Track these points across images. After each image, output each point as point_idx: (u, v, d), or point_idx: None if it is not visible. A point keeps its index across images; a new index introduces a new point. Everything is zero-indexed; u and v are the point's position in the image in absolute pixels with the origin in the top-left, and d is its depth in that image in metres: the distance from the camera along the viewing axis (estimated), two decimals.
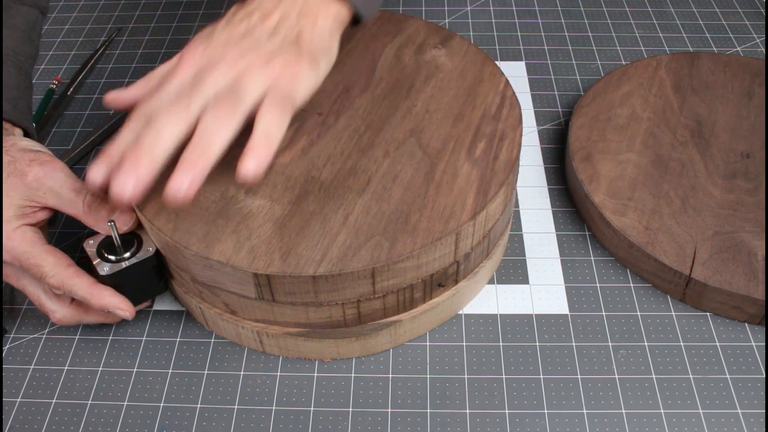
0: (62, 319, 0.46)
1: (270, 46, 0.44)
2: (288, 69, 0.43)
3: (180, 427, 0.45)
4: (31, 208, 0.45)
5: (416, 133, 0.49)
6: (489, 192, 0.45)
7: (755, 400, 0.46)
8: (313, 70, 0.44)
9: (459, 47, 0.56)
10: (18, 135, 0.50)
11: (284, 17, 0.45)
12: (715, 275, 0.49)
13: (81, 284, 0.44)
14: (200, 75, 0.42)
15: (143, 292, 0.47)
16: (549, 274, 0.53)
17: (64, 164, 0.46)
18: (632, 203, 0.53)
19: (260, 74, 0.42)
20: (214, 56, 0.43)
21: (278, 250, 0.42)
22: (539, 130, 0.65)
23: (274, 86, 0.42)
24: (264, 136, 0.40)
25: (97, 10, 0.81)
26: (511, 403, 0.46)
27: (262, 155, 0.40)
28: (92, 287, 0.44)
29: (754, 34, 0.74)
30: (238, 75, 0.42)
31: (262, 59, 0.43)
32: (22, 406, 0.47)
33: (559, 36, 0.75)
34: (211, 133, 0.39)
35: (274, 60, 0.43)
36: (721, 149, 0.57)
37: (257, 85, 0.42)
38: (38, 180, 0.44)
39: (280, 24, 0.45)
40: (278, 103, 0.41)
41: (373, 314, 0.46)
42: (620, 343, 0.49)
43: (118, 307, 0.45)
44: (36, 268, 0.44)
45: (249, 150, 0.40)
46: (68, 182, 0.45)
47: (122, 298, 0.45)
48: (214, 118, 0.40)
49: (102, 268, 0.44)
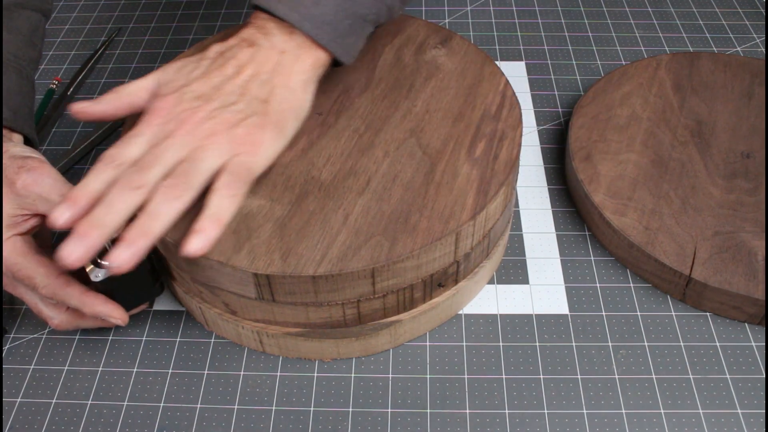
0: (60, 325, 0.46)
1: (237, 108, 0.44)
2: (250, 138, 0.43)
3: (180, 427, 0.45)
4: (22, 217, 0.44)
5: (416, 133, 0.49)
6: (489, 192, 0.45)
7: (755, 400, 0.46)
8: (277, 137, 0.45)
9: (459, 47, 0.56)
10: (17, 141, 0.50)
11: (257, 74, 0.46)
12: (715, 275, 0.49)
13: (72, 293, 0.44)
14: (163, 141, 0.43)
15: (139, 296, 0.47)
16: (549, 274, 0.53)
17: (53, 169, 0.46)
18: (632, 203, 0.53)
19: (220, 146, 0.43)
20: (182, 116, 0.43)
21: (278, 250, 0.42)
22: (539, 130, 0.65)
23: (233, 159, 0.43)
24: (213, 215, 0.41)
25: (97, 10, 0.81)
26: (511, 403, 0.46)
27: (209, 235, 0.41)
28: (84, 296, 0.44)
29: (754, 34, 0.74)
30: (198, 145, 0.42)
31: (226, 125, 0.43)
32: (22, 406, 0.47)
33: (559, 36, 0.75)
34: (156, 214, 0.40)
35: (238, 127, 0.43)
36: (721, 149, 0.57)
37: (215, 158, 0.42)
38: (26, 187, 0.44)
39: (252, 81, 0.45)
40: (234, 178, 0.42)
41: (373, 314, 0.46)
42: (620, 343, 0.49)
43: (109, 315, 0.44)
44: (28, 279, 0.44)
45: (196, 229, 0.41)
46: (56, 187, 0.44)
47: (114, 306, 0.45)
48: (163, 198, 0.41)
49: (95, 274, 0.44)
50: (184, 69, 0.47)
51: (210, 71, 0.46)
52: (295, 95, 0.46)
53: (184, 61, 0.47)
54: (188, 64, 0.47)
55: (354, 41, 0.48)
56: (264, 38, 0.47)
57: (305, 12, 0.46)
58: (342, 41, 0.47)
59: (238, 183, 0.42)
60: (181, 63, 0.47)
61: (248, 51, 0.46)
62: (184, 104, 0.44)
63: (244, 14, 0.79)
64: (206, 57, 0.47)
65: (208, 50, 0.47)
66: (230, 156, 0.43)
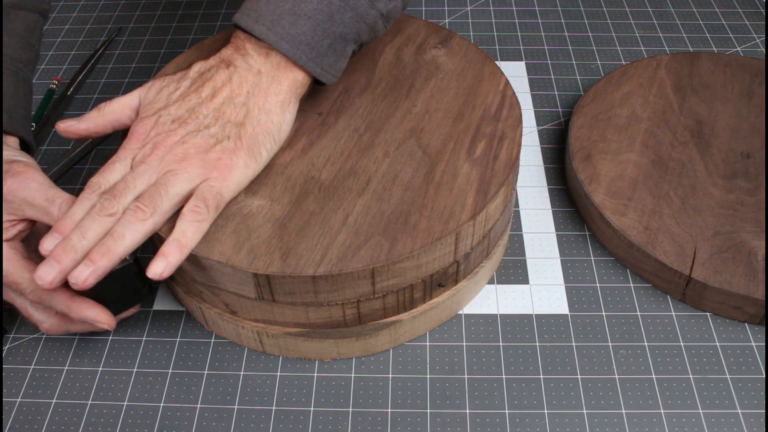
0: (50, 329, 0.46)
1: (211, 132, 0.44)
2: (221, 163, 0.44)
3: (180, 427, 0.45)
4: (10, 222, 0.44)
5: (416, 133, 0.49)
6: (489, 192, 0.45)
7: (755, 400, 0.46)
8: (250, 162, 0.45)
9: (459, 47, 0.56)
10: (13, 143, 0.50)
11: (232, 96, 0.46)
12: (715, 275, 0.49)
13: (59, 299, 0.44)
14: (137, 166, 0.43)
15: (127, 301, 0.47)
16: (549, 274, 0.53)
17: (39, 172, 0.46)
18: (632, 203, 0.53)
19: (190, 170, 0.43)
20: (157, 140, 0.44)
21: (278, 250, 0.42)
22: (539, 130, 0.65)
23: (203, 183, 0.43)
24: (178, 240, 0.42)
25: (97, 10, 0.81)
26: (511, 403, 0.46)
27: (172, 260, 0.41)
28: (70, 301, 0.44)
29: (754, 34, 0.74)
30: (169, 169, 0.43)
31: (198, 149, 0.44)
32: (22, 406, 0.47)
33: (559, 36, 0.75)
34: (120, 236, 0.41)
35: (211, 152, 0.44)
36: (721, 149, 0.57)
37: (184, 183, 0.43)
38: (12, 192, 0.44)
39: (227, 104, 0.45)
40: (202, 203, 0.42)
41: (373, 314, 0.46)
42: (620, 343, 0.49)
43: (96, 319, 0.44)
44: (15, 285, 0.43)
45: (160, 253, 0.41)
46: (41, 191, 0.44)
47: (101, 310, 0.44)
48: (128, 221, 0.41)
49: None
50: (165, 89, 0.47)
51: (187, 93, 0.46)
52: (270, 117, 0.46)
53: (166, 80, 0.47)
54: (169, 84, 0.47)
55: (334, 61, 0.47)
56: (241, 59, 0.46)
57: (282, 32, 0.45)
58: (321, 61, 0.46)
59: (205, 208, 0.42)
60: (163, 83, 0.47)
61: (225, 72, 0.46)
62: (159, 127, 0.45)
63: None
64: (186, 77, 0.47)
65: (189, 69, 0.47)
66: (201, 180, 0.43)
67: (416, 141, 0.49)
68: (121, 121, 0.48)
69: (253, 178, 0.46)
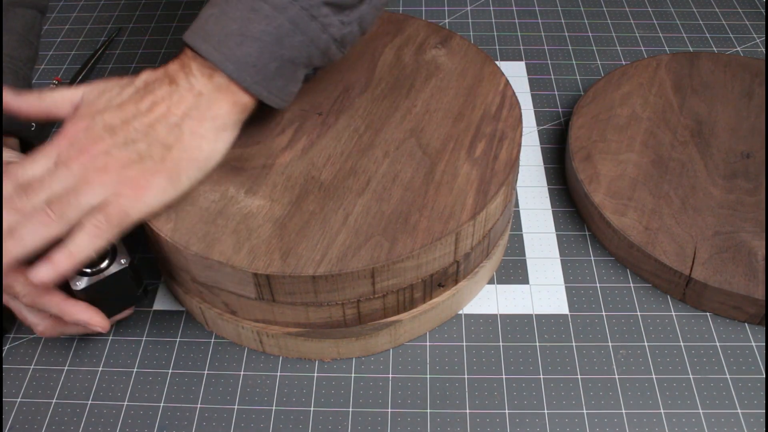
0: (44, 332, 0.46)
1: (137, 148, 0.43)
2: (137, 182, 0.42)
3: (180, 427, 0.45)
4: None
5: (416, 133, 0.49)
6: (489, 192, 0.45)
7: (755, 400, 0.46)
8: (168, 187, 0.43)
9: (459, 47, 0.56)
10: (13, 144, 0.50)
11: (167, 114, 0.44)
12: (715, 275, 0.49)
13: (52, 302, 0.43)
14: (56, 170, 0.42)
15: (122, 303, 0.47)
16: (549, 274, 0.53)
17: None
18: (632, 203, 0.53)
19: (105, 184, 0.42)
20: (83, 145, 0.43)
21: (278, 250, 0.42)
22: (539, 130, 0.65)
23: (112, 200, 0.42)
24: (68, 251, 0.41)
25: (97, 10, 0.81)
26: (511, 403, 0.46)
27: (57, 267, 0.40)
28: (63, 304, 0.43)
29: (754, 34, 0.74)
30: (85, 178, 0.42)
31: (119, 164, 0.42)
32: (22, 406, 0.47)
33: (559, 36, 0.75)
34: (20, 238, 0.40)
35: (130, 169, 0.42)
36: (721, 149, 0.57)
37: (96, 195, 0.42)
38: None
39: (161, 122, 0.44)
40: (104, 219, 0.41)
41: (373, 314, 0.46)
42: (620, 343, 0.49)
43: (89, 322, 0.44)
44: (8, 288, 0.43)
45: (47, 259, 0.40)
46: None
47: (95, 313, 0.44)
48: (31, 224, 0.41)
49: (75, 283, 0.43)
50: (108, 93, 0.45)
51: (127, 102, 0.45)
52: (201, 144, 0.44)
53: (113, 83, 0.46)
54: (113, 87, 0.46)
55: (283, 85, 0.45)
56: (184, 78, 0.45)
57: (228, 52, 0.44)
58: (267, 84, 0.45)
59: (106, 225, 0.41)
60: (107, 85, 0.46)
61: (167, 89, 0.45)
62: (90, 132, 0.43)
63: None
64: (132, 84, 0.46)
65: (138, 77, 0.46)
66: (112, 194, 0.42)
67: (416, 141, 0.49)
68: (58, 114, 0.46)
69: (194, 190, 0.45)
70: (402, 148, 0.48)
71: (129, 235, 0.51)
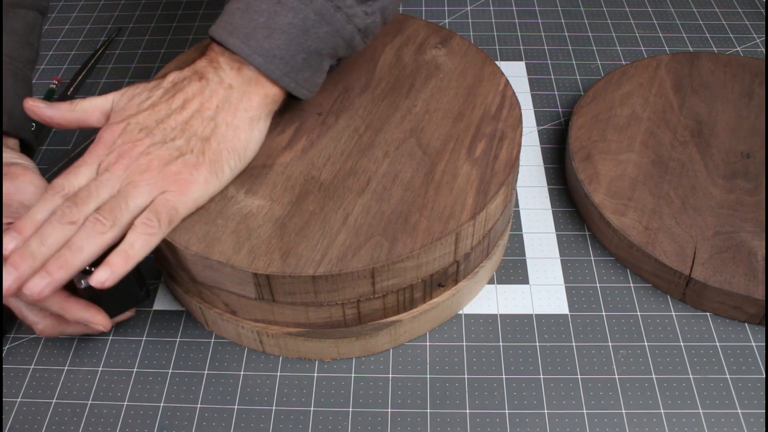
0: (44, 330, 0.46)
1: (176, 144, 0.44)
2: (181, 177, 0.43)
3: (180, 427, 0.45)
4: (7, 225, 0.44)
5: (416, 133, 0.49)
6: (489, 192, 0.45)
7: (755, 400, 0.46)
8: (211, 178, 0.44)
9: (459, 47, 0.56)
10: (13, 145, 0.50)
11: (201, 109, 0.45)
12: (715, 275, 0.49)
13: (54, 299, 0.43)
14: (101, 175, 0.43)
15: (124, 303, 0.47)
16: (549, 274, 0.53)
17: (37, 176, 0.45)
18: (632, 203, 0.53)
19: (151, 183, 0.42)
20: (123, 149, 0.43)
21: (278, 250, 0.42)
22: (539, 130, 0.65)
23: (159, 198, 0.43)
24: (125, 252, 0.41)
25: (97, 10, 0.81)
26: (511, 403, 0.46)
27: (114, 270, 0.41)
28: (65, 302, 0.44)
29: (754, 34, 0.74)
30: (131, 180, 0.42)
31: (161, 162, 0.43)
32: (22, 406, 0.47)
33: (559, 36, 0.75)
34: (79, 248, 0.41)
35: (172, 165, 0.43)
36: (721, 149, 0.57)
37: (144, 196, 0.42)
38: (9, 195, 0.44)
39: (195, 117, 0.45)
40: (155, 217, 0.42)
41: (373, 314, 0.46)
42: (620, 343, 0.49)
43: (91, 321, 0.44)
44: None
45: (106, 262, 0.41)
46: (38, 195, 0.44)
47: (96, 311, 0.44)
48: (87, 233, 0.41)
49: (79, 281, 0.43)
50: (137, 97, 0.46)
51: (158, 103, 0.45)
52: (238, 134, 0.45)
53: (139, 88, 0.47)
54: (142, 92, 0.46)
55: (310, 76, 0.46)
56: (213, 72, 0.46)
57: (256, 45, 0.44)
58: (295, 76, 0.46)
59: (157, 222, 0.42)
60: (136, 90, 0.47)
61: (197, 85, 0.45)
62: (127, 136, 0.44)
63: None
64: (161, 86, 0.46)
65: (164, 79, 0.47)
66: (159, 193, 0.43)
67: (416, 141, 0.49)
68: (89, 122, 0.47)
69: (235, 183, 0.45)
70: (402, 148, 0.48)
71: None
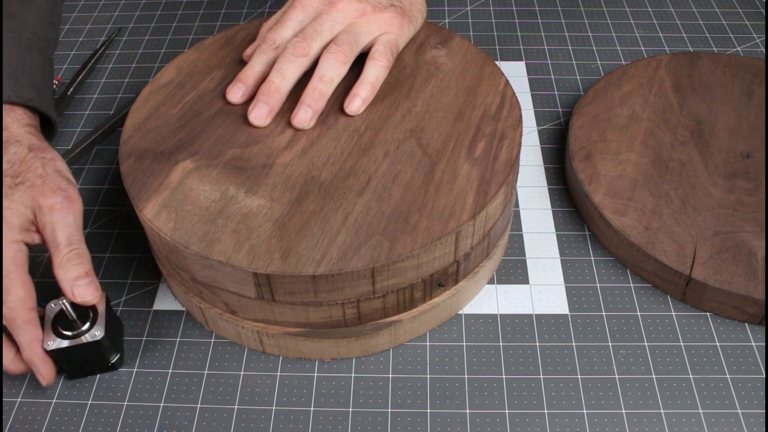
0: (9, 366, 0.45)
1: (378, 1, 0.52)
2: (394, 21, 0.51)
3: (180, 427, 0.45)
4: (34, 226, 0.45)
5: (416, 132, 0.49)
6: (489, 192, 0.45)
7: (755, 400, 0.46)
8: (411, 25, 0.53)
9: (459, 47, 0.56)
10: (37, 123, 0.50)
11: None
12: (715, 275, 0.49)
13: (27, 331, 0.43)
14: (319, 17, 0.50)
15: (92, 368, 0.47)
16: (549, 274, 0.53)
17: (81, 209, 0.46)
18: (632, 203, 0.53)
19: (371, 24, 0.50)
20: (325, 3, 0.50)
21: (278, 250, 0.42)
22: (539, 130, 0.65)
23: (383, 36, 0.51)
24: (371, 81, 0.49)
25: (97, 10, 0.81)
26: (511, 403, 0.46)
27: (365, 97, 0.50)
28: (33, 343, 0.43)
29: (754, 34, 0.74)
30: (353, 21, 0.50)
31: (373, 8, 0.51)
32: (22, 406, 0.47)
33: (559, 36, 0.75)
34: (330, 80, 0.48)
35: (384, 12, 0.51)
36: (721, 149, 0.57)
37: (369, 33, 0.50)
38: (52, 209, 0.44)
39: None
40: (387, 51, 0.50)
41: (373, 314, 0.46)
42: (620, 343, 0.49)
43: (38, 372, 0.44)
44: (4, 292, 0.43)
45: (354, 94, 0.49)
46: (69, 230, 0.44)
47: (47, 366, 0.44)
48: (329, 63, 0.48)
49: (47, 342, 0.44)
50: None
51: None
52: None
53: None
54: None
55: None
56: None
57: None
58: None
59: (389, 55, 0.50)
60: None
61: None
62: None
63: (244, 14, 0.79)
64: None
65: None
66: (379, 34, 0.51)
67: (416, 141, 0.49)
68: None
69: None
70: (402, 148, 0.48)
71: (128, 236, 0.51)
